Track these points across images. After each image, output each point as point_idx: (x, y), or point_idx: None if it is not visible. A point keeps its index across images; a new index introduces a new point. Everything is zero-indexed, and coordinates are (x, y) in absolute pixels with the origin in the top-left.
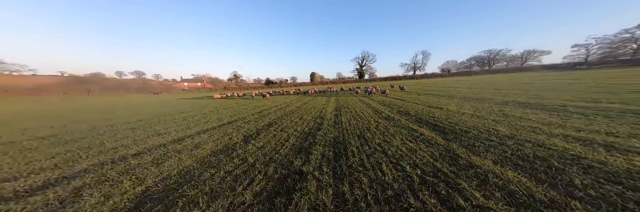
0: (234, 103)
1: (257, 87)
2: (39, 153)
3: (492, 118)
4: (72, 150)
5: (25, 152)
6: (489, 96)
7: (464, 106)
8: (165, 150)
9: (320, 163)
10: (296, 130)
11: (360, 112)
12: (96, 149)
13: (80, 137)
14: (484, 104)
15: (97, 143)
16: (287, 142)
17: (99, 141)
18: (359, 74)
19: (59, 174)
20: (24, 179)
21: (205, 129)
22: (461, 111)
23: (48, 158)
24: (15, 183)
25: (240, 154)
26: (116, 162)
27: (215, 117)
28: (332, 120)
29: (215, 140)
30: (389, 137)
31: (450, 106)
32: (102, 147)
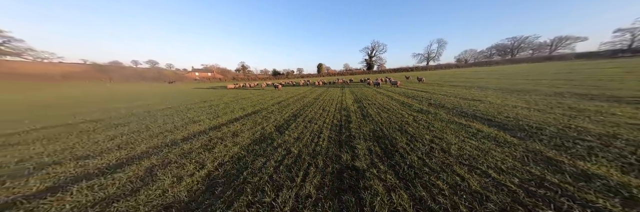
0: (248, 93)
1: (264, 78)
2: (98, 135)
3: (560, 112)
4: (126, 133)
5: (86, 133)
6: (529, 87)
7: (508, 98)
8: (208, 137)
9: (371, 159)
10: (325, 122)
11: (384, 104)
12: (145, 133)
13: (126, 122)
14: (532, 96)
15: (144, 127)
16: (322, 134)
17: (144, 126)
18: (368, 65)
19: (126, 154)
20: (100, 158)
21: (234, 118)
22: (508, 103)
23: (108, 139)
24: (94, 161)
25: (281, 144)
26: (170, 146)
27: (238, 107)
28: (358, 112)
29: (249, 129)
30: (439, 133)
31: (490, 98)
32: (150, 131)
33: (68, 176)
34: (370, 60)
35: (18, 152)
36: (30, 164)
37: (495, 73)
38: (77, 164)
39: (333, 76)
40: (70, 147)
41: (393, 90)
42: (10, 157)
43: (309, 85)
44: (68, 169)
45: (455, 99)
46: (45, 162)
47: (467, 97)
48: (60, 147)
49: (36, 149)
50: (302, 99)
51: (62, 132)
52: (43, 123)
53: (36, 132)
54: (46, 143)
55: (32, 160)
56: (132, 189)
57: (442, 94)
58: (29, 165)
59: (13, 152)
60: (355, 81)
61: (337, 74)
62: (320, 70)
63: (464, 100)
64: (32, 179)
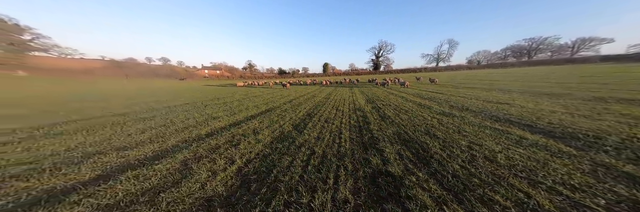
0: (258, 91)
1: (270, 77)
2: (129, 127)
3: (613, 119)
4: (154, 127)
5: (118, 126)
6: (559, 91)
7: (540, 101)
8: (230, 133)
9: (405, 165)
10: (342, 122)
11: (401, 105)
12: (172, 127)
13: (151, 116)
14: (567, 100)
15: (169, 122)
16: (343, 135)
17: (168, 120)
18: (374, 65)
19: (159, 147)
20: (136, 149)
21: (251, 116)
22: (543, 107)
23: (139, 132)
24: (132, 152)
25: (304, 144)
26: (198, 141)
27: (251, 105)
28: (374, 113)
29: (267, 127)
30: (475, 138)
31: (518, 101)
32: (175, 126)
33: (113, 165)
34: (377, 61)
35: (64, 142)
36: (77, 152)
37: (510, 75)
38: (118, 154)
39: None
40: (107, 138)
41: (405, 91)
42: (59, 145)
43: (317, 85)
44: (111, 158)
45: (477, 101)
46: (90, 152)
47: (491, 100)
48: (98, 138)
49: (78, 139)
50: (312, 98)
51: (96, 124)
52: (77, 115)
53: (74, 124)
54: (86, 134)
55: (77, 149)
56: (173, 181)
57: (460, 96)
58: (76, 154)
59: (60, 141)
60: (362, 81)
61: (342, 74)
62: (326, 69)
63: (489, 103)
64: (83, 167)
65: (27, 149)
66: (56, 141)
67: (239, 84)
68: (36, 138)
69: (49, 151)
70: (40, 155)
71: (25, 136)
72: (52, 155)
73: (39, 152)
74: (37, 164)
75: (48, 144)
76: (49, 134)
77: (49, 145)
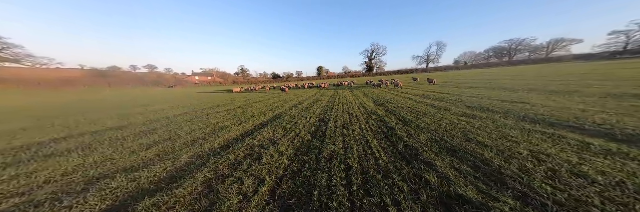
0: (258, 97)
1: (265, 82)
2: (131, 143)
3: None
4: (158, 141)
5: (117, 142)
6: (562, 88)
7: (558, 100)
8: (247, 145)
9: (475, 185)
10: (362, 128)
11: (414, 108)
12: (179, 141)
13: (151, 129)
14: (585, 98)
15: (174, 135)
16: (371, 144)
17: (173, 133)
18: (368, 67)
19: (172, 165)
20: (146, 170)
21: (260, 124)
22: (569, 106)
23: (144, 149)
24: (143, 173)
25: (333, 156)
26: (214, 156)
27: (256, 112)
28: (392, 117)
29: (284, 136)
30: (531, 146)
31: (535, 101)
32: (183, 139)
33: (125, 192)
34: (370, 63)
35: (59, 165)
36: (77, 178)
37: (501, 75)
38: (127, 177)
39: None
40: (109, 158)
41: (409, 93)
42: (54, 170)
43: (315, 88)
44: (121, 183)
45: (491, 101)
46: (93, 176)
47: (505, 100)
48: (98, 158)
49: (75, 161)
50: (317, 102)
51: (92, 141)
52: (66, 131)
53: (65, 142)
54: (82, 154)
55: (77, 173)
56: (202, 210)
57: (469, 96)
58: (77, 179)
59: (53, 164)
60: (359, 83)
61: (337, 77)
62: (321, 73)
63: (506, 103)
64: (90, 197)
65: (15, 176)
66: (48, 164)
67: (236, 90)
68: (23, 162)
69: (42, 178)
70: (33, 184)
71: (9, 160)
72: (48, 182)
73: (31, 180)
74: (31, 196)
75: (39, 168)
76: (38, 155)
77: (41, 170)
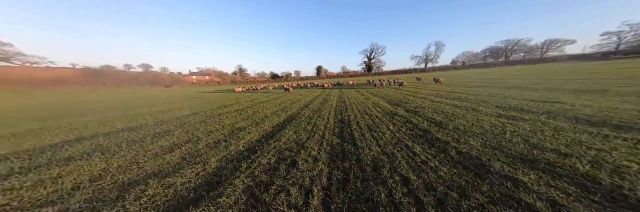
0: (262, 97)
1: (264, 81)
2: (150, 146)
3: None
4: (178, 143)
5: (135, 144)
6: (584, 87)
7: (593, 99)
8: (273, 148)
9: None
10: (391, 130)
11: (435, 107)
12: (201, 143)
13: (165, 130)
14: (625, 97)
15: (192, 136)
16: (415, 150)
17: (190, 135)
18: (367, 67)
19: (203, 170)
20: (178, 175)
21: (277, 125)
22: (618, 106)
23: (167, 151)
24: (176, 179)
25: (379, 164)
26: (244, 159)
27: (268, 112)
28: (419, 118)
29: (309, 138)
30: (628, 155)
31: (568, 100)
32: (204, 141)
33: (164, 200)
34: (369, 63)
35: (82, 169)
36: (107, 183)
37: (504, 74)
38: (161, 183)
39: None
40: (133, 161)
41: (420, 92)
42: (79, 175)
43: (318, 88)
44: (157, 190)
45: (518, 100)
46: (123, 182)
47: (532, 99)
48: (122, 161)
49: (98, 165)
50: (326, 102)
51: (108, 144)
52: (75, 133)
53: (78, 144)
54: (104, 157)
55: (105, 179)
56: None
57: (486, 95)
58: (106, 185)
59: (75, 168)
60: (360, 83)
61: (335, 76)
62: (320, 72)
63: (537, 103)
64: (129, 206)
65: (39, 182)
66: (71, 168)
67: (237, 90)
68: (43, 166)
69: (69, 184)
70: (61, 190)
71: (26, 164)
72: (77, 189)
73: (58, 186)
74: (63, 204)
75: (63, 173)
76: (56, 159)
77: (65, 175)
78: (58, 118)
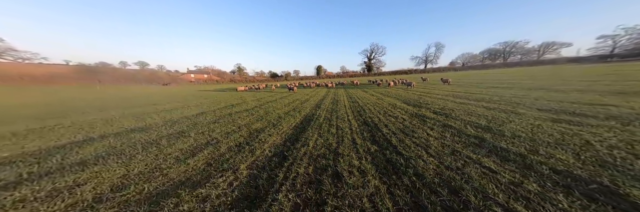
0: (267, 96)
1: (263, 80)
2: (168, 148)
3: None
4: (198, 146)
5: (151, 146)
6: (618, 89)
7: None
8: (305, 154)
9: None
10: (432, 135)
11: (465, 109)
12: (222, 146)
13: (179, 131)
14: None
15: (210, 139)
16: (487, 164)
17: (207, 136)
18: (367, 67)
19: (236, 179)
20: (210, 184)
21: (295, 126)
22: None
23: (188, 155)
24: (210, 191)
25: (454, 185)
26: (277, 168)
27: (280, 112)
28: (457, 122)
29: (340, 143)
30: None
31: (616, 102)
32: (225, 144)
33: None
34: (370, 63)
35: (100, 176)
36: (132, 194)
37: (511, 76)
38: (194, 195)
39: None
40: (154, 166)
41: (432, 92)
42: (98, 183)
43: (321, 87)
44: (192, 205)
45: (557, 103)
46: (149, 192)
47: (572, 101)
48: (142, 167)
49: (117, 171)
50: (337, 102)
51: (120, 145)
52: (82, 133)
53: (88, 146)
54: (119, 161)
55: (129, 188)
56: None
57: (510, 96)
58: (132, 196)
59: (92, 175)
60: (362, 83)
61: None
62: (320, 72)
63: (582, 105)
64: None
65: (54, 192)
66: (87, 175)
67: (240, 89)
68: (54, 172)
69: (89, 194)
70: (82, 203)
71: (36, 169)
72: (100, 201)
73: (78, 198)
74: None
75: (79, 180)
76: (68, 163)
77: (82, 183)
78: (59, 117)
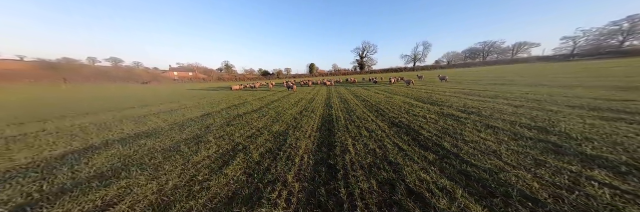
0: (268, 95)
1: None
2: (194, 156)
3: None
4: (224, 152)
5: (173, 154)
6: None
7: None
8: (353, 163)
9: None
10: (487, 139)
11: (489, 107)
12: (253, 153)
13: (194, 135)
14: None
15: (234, 144)
16: (568, 167)
17: (230, 141)
18: (359, 65)
19: (292, 195)
20: (269, 204)
21: (318, 128)
22: None
23: (220, 165)
24: (263, 210)
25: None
26: (332, 180)
27: (292, 112)
28: (501, 123)
29: (387, 151)
30: None
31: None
32: (254, 151)
33: None
34: (361, 61)
35: (132, 193)
36: None
37: (496, 73)
38: None
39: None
40: (189, 178)
41: (436, 90)
42: (132, 202)
43: (320, 85)
44: None
45: (577, 99)
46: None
47: (590, 97)
48: (176, 179)
49: (149, 185)
50: (346, 101)
51: (134, 154)
52: (78, 140)
53: (96, 155)
54: (146, 174)
55: (173, 207)
56: None
57: (524, 93)
58: None
59: (122, 192)
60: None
61: (327, 74)
62: (312, 70)
63: (608, 102)
64: None
65: None
66: (114, 191)
67: (235, 87)
68: (72, 189)
69: None
70: None
71: (47, 187)
72: None
73: None
74: None
75: (110, 199)
76: (82, 178)
77: (115, 202)
78: (35, 121)
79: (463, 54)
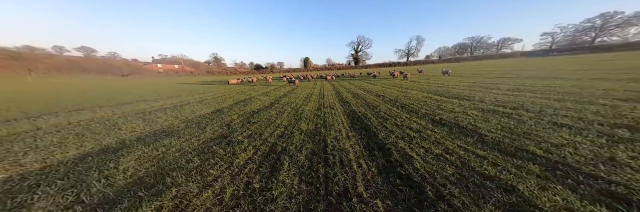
0: (272, 90)
1: (245, 72)
2: (236, 159)
3: None
4: (264, 154)
5: (211, 157)
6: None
7: None
8: (431, 175)
9: None
10: (573, 140)
11: (538, 103)
12: (298, 155)
13: (219, 135)
14: None
15: (271, 145)
16: None
17: (264, 141)
18: (355, 59)
19: (372, 208)
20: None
21: (350, 127)
22: None
23: (269, 169)
24: None
25: None
26: (417, 196)
27: (310, 108)
28: (575, 121)
29: (450, 154)
30: None
31: None
32: (298, 153)
33: None
34: (356, 55)
35: (188, 202)
36: None
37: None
38: None
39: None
40: (244, 185)
41: (447, 84)
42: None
43: (321, 79)
44: None
45: (616, 92)
46: None
47: (630, 89)
48: (230, 186)
49: (203, 194)
50: (358, 96)
51: (165, 156)
52: (89, 141)
53: (122, 159)
54: (193, 180)
55: None
56: None
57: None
58: None
59: (177, 202)
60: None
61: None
62: (307, 64)
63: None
64: None
65: None
66: (168, 202)
67: (232, 82)
68: (116, 201)
69: None
70: None
71: (84, 197)
72: None
73: None
74: None
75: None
76: (122, 186)
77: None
78: (23, 118)
79: (453, 49)
